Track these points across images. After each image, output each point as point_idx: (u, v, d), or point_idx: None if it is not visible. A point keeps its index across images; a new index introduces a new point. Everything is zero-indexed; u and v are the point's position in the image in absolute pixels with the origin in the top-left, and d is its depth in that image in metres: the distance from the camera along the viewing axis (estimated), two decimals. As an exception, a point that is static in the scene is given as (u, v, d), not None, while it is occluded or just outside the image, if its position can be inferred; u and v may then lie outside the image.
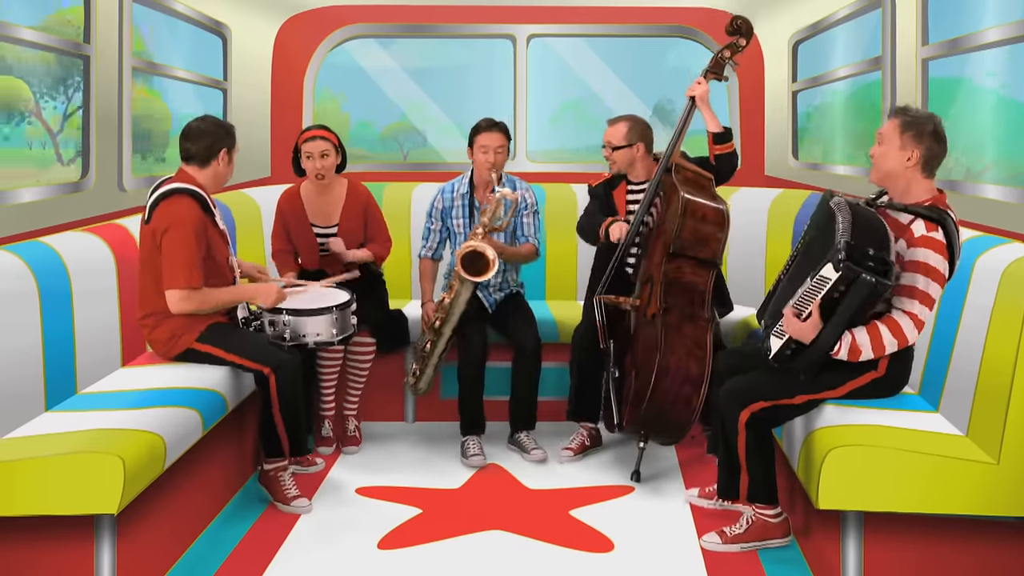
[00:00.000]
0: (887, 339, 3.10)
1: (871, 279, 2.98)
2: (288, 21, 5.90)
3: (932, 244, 3.08)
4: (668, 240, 4.07)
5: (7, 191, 3.71)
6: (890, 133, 3.20)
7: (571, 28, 6.09)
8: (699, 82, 4.26)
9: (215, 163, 3.81)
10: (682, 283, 4.10)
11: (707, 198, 4.12)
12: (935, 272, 3.08)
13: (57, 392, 3.42)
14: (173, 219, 3.65)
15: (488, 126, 4.52)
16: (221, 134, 3.83)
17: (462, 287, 4.37)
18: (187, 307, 3.68)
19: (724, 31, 4.32)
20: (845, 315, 3.07)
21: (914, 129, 3.16)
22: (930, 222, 3.10)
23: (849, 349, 3.12)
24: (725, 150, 4.25)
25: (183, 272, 3.64)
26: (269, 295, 3.91)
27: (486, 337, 4.50)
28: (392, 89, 13.41)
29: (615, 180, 4.52)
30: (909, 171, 3.18)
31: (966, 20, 4.25)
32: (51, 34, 4.18)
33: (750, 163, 5.86)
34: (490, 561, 3.42)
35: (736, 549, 3.47)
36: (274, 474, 3.89)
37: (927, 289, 3.08)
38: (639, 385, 4.05)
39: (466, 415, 4.50)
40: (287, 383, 3.75)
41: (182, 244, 3.64)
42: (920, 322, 3.10)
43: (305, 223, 4.61)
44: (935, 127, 3.17)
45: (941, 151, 3.18)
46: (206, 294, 3.71)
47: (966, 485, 2.92)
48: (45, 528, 2.95)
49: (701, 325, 4.07)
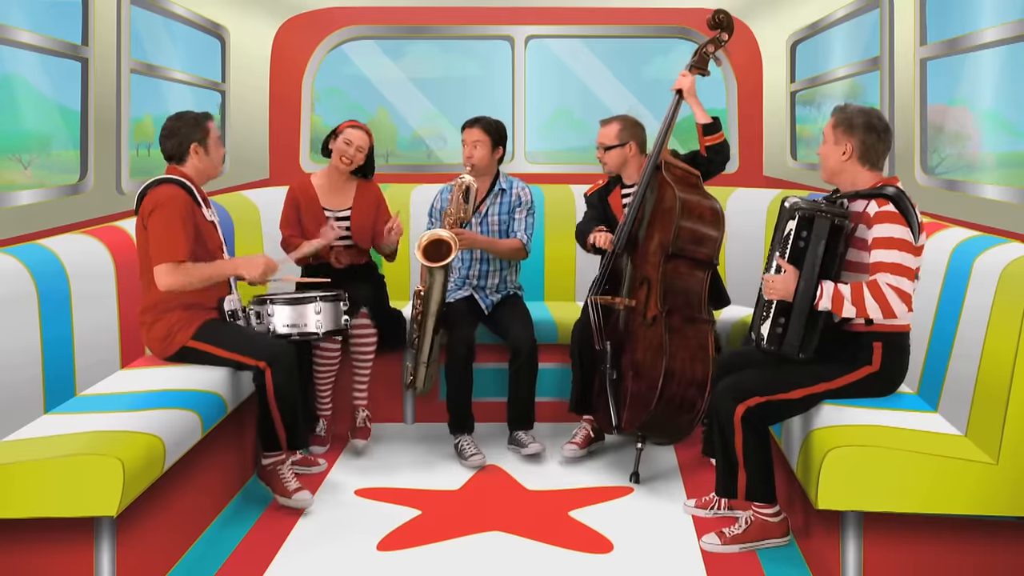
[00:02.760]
0: (868, 299, 3.14)
1: (827, 215, 3.20)
2: (286, 23, 5.90)
3: (886, 217, 3.17)
4: (665, 240, 4.06)
5: (5, 193, 3.71)
6: (827, 131, 3.37)
7: (569, 29, 6.10)
8: (684, 75, 4.25)
9: (191, 159, 3.85)
10: (681, 284, 4.10)
11: (701, 196, 4.12)
12: (899, 242, 3.15)
13: (56, 394, 3.42)
14: (158, 201, 3.70)
15: (470, 122, 4.63)
16: (186, 130, 3.85)
17: (432, 276, 4.42)
18: (173, 281, 3.68)
19: (706, 25, 4.32)
20: (814, 259, 3.22)
21: (844, 124, 3.31)
22: (881, 199, 3.20)
23: (831, 297, 3.19)
24: (716, 140, 4.24)
25: (168, 246, 3.66)
26: (256, 266, 3.89)
27: (473, 336, 4.51)
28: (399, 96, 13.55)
29: (609, 185, 4.52)
30: (848, 164, 3.31)
31: (964, 20, 4.25)
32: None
33: (749, 164, 5.86)
34: (490, 562, 3.42)
35: (736, 549, 3.47)
36: (272, 468, 3.88)
37: (898, 260, 3.14)
38: (642, 388, 4.04)
39: (454, 414, 4.51)
40: (283, 376, 3.75)
41: (167, 222, 3.67)
42: (904, 293, 3.13)
43: (317, 206, 4.65)
44: (867, 120, 3.28)
45: (878, 142, 3.29)
46: (192, 268, 3.72)
47: (965, 485, 2.93)
48: (44, 530, 2.95)
49: (702, 327, 4.07)
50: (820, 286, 3.21)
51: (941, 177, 4.15)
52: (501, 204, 4.68)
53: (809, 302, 3.22)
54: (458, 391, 4.49)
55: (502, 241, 4.64)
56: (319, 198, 4.67)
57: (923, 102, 4.15)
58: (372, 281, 4.73)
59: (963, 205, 3.84)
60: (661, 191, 4.15)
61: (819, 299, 3.21)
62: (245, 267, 3.88)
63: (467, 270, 4.72)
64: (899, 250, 3.14)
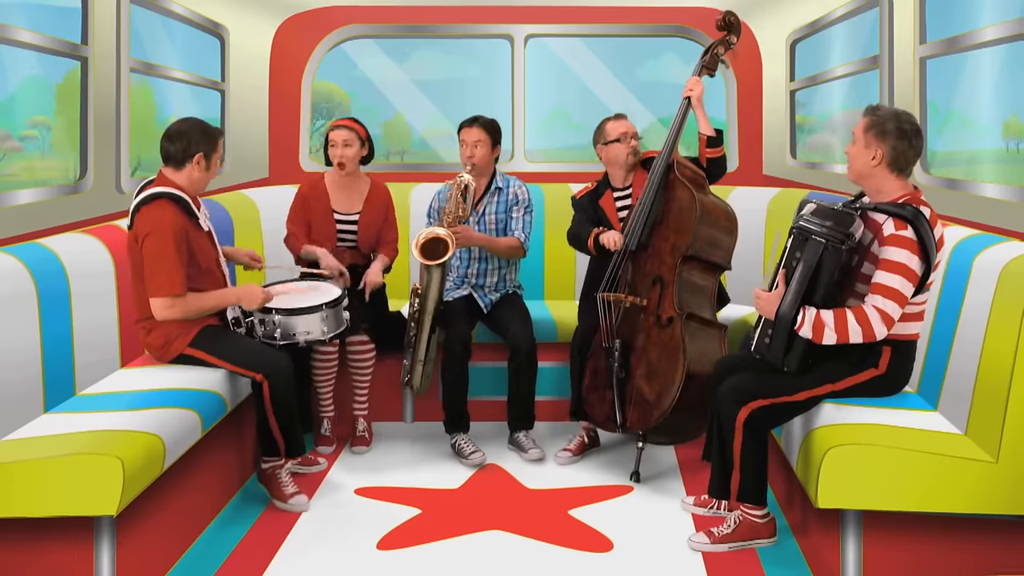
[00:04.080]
0: (852, 325, 3.11)
1: (822, 240, 3.09)
2: (286, 22, 5.90)
3: (900, 242, 3.10)
4: (682, 242, 4.06)
5: (5, 192, 3.71)
6: (858, 132, 3.25)
7: (569, 28, 6.10)
8: (696, 81, 4.26)
9: (189, 167, 3.77)
10: (696, 286, 4.11)
11: (716, 199, 4.14)
12: (903, 268, 3.09)
13: (56, 393, 3.42)
14: (152, 226, 3.63)
15: (469, 122, 4.63)
16: (198, 137, 3.77)
17: (430, 274, 4.42)
18: (171, 315, 3.69)
19: (715, 27, 4.33)
20: (802, 281, 3.14)
21: (876, 128, 3.20)
22: (899, 220, 3.12)
23: (812, 325, 3.15)
24: (716, 154, 4.25)
25: (164, 281, 3.63)
26: (254, 298, 3.88)
27: (470, 335, 4.51)
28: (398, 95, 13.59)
29: (599, 189, 4.52)
30: (877, 170, 3.21)
31: (964, 19, 4.26)
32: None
33: (748, 162, 5.86)
34: (489, 561, 3.42)
35: (724, 549, 3.47)
36: (271, 472, 3.90)
37: (896, 286, 3.09)
38: (655, 390, 4.03)
39: (449, 412, 4.52)
40: (280, 388, 3.75)
41: (161, 252, 3.62)
42: (888, 317, 3.10)
43: (327, 207, 4.65)
44: (899, 125, 3.17)
45: (908, 149, 3.19)
46: (190, 301, 3.70)
47: (965, 484, 2.93)
48: (44, 530, 2.95)
49: (716, 331, 4.09)
50: (803, 312, 3.17)
51: (936, 176, 4.15)
52: (498, 203, 4.68)
53: (790, 325, 3.18)
54: (454, 389, 4.49)
55: (500, 239, 4.64)
56: (330, 199, 4.66)
57: (923, 101, 4.15)
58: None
59: (962, 204, 3.84)
60: (675, 190, 4.15)
61: (800, 325, 3.17)
62: (245, 298, 3.87)
63: (465, 269, 4.72)
64: (902, 276, 3.10)
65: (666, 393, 3.97)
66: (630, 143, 4.39)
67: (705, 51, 4.34)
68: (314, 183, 4.71)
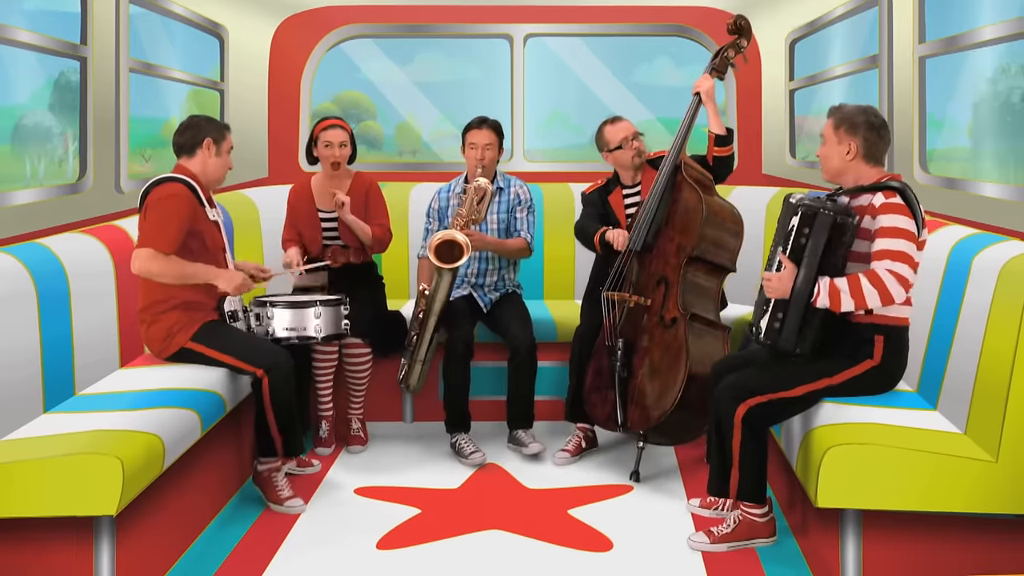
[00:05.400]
0: (866, 288, 3.14)
1: (830, 213, 3.19)
2: (285, 21, 5.90)
3: (893, 208, 3.18)
4: (688, 243, 4.07)
5: (5, 193, 3.71)
6: (828, 132, 3.37)
7: (569, 28, 6.10)
8: (706, 78, 4.27)
9: (201, 152, 3.87)
10: (700, 287, 4.11)
11: (723, 201, 4.15)
12: (903, 232, 3.16)
13: (55, 393, 3.42)
14: (161, 196, 3.73)
15: (478, 123, 4.59)
16: (204, 124, 3.91)
17: (440, 277, 4.40)
18: (149, 267, 3.68)
19: (726, 30, 4.34)
20: (814, 257, 3.22)
21: (846, 124, 3.32)
22: (888, 191, 3.22)
23: (828, 293, 3.19)
24: (725, 153, 4.24)
25: (156, 235, 3.68)
26: (232, 281, 3.87)
27: (472, 334, 4.51)
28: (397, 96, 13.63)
29: (609, 186, 4.52)
30: (852, 164, 3.33)
31: (964, 18, 4.26)
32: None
33: (748, 162, 5.86)
34: (489, 561, 3.42)
35: (724, 548, 3.47)
36: (267, 474, 3.89)
37: (901, 248, 3.15)
38: (657, 389, 4.03)
39: (450, 412, 4.51)
40: (280, 384, 3.75)
41: (164, 214, 3.69)
42: (902, 279, 3.14)
43: (311, 207, 4.68)
44: (867, 119, 3.30)
45: (880, 139, 3.32)
46: (173, 261, 3.71)
47: (965, 483, 2.93)
48: (44, 530, 2.95)
49: (720, 333, 4.09)
50: (817, 283, 3.22)
51: (934, 175, 4.16)
52: (500, 203, 4.68)
53: (806, 299, 3.22)
54: (456, 389, 4.49)
55: (509, 241, 4.64)
56: (315, 199, 4.68)
57: (922, 100, 4.15)
58: (371, 283, 4.73)
59: (962, 203, 3.85)
60: (681, 192, 4.15)
61: (816, 296, 3.21)
62: (224, 279, 3.86)
63: (465, 268, 4.71)
64: (904, 239, 3.16)
65: (668, 393, 3.97)
66: (632, 145, 4.39)
67: (715, 54, 4.34)
68: (300, 187, 4.74)
